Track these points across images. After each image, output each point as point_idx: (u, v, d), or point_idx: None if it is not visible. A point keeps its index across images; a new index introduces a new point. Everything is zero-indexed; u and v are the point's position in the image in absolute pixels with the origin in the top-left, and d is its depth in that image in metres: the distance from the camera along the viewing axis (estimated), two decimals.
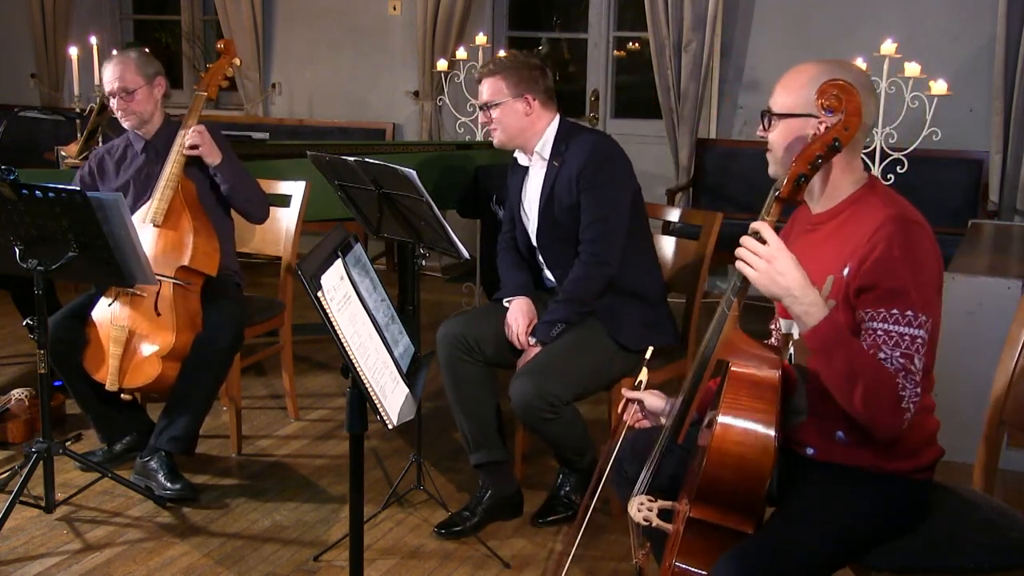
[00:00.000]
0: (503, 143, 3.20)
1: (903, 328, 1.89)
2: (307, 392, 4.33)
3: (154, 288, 3.23)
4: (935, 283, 1.96)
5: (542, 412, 2.92)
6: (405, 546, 3.06)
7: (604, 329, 3.08)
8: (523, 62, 3.16)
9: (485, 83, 3.16)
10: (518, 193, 3.29)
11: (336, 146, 5.05)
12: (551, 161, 3.16)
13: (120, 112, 3.49)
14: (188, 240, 3.31)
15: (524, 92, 3.12)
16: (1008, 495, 3.18)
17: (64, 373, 3.36)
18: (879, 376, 1.87)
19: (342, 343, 1.94)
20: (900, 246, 1.91)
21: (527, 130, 3.16)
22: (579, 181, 3.07)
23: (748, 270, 1.91)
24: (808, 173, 1.89)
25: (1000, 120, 5.18)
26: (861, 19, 5.39)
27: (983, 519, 2.11)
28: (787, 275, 1.88)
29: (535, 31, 6.90)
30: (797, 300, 1.89)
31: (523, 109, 3.13)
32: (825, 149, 1.88)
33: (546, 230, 3.17)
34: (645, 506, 2.09)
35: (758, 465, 1.91)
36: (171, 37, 7.64)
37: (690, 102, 5.72)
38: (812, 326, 1.89)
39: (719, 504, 1.95)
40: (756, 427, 1.92)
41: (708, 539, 1.98)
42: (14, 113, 5.06)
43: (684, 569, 1.99)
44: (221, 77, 3.63)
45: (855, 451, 2.02)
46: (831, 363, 1.89)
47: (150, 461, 3.30)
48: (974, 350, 3.37)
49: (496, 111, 3.13)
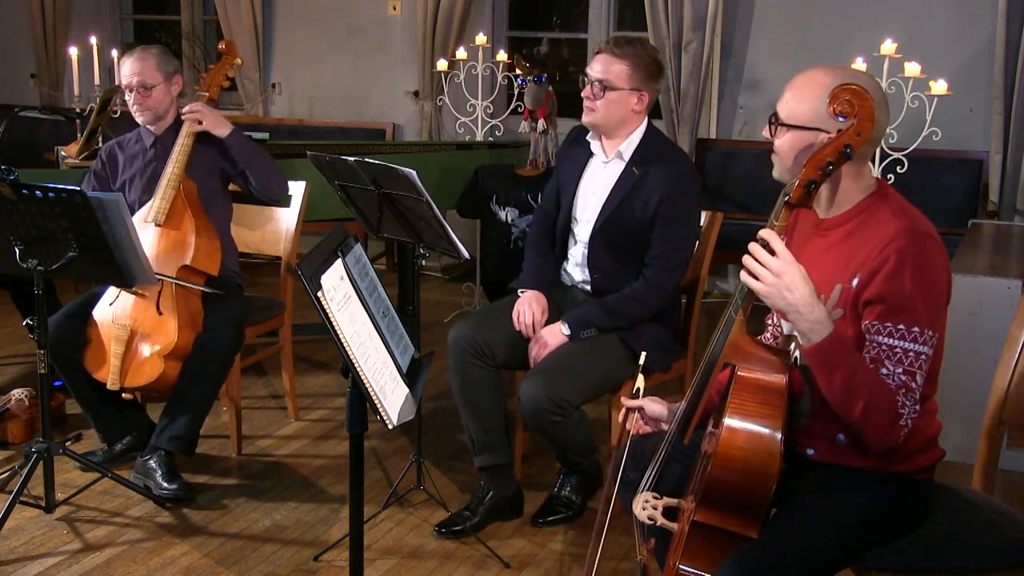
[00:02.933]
0: (596, 125, 3.10)
1: (908, 344, 1.88)
2: (307, 392, 4.33)
3: (156, 287, 3.23)
4: (944, 299, 1.95)
5: (551, 416, 2.91)
6: (405, 546, 3.06)
7: (619, 337, 3.06)
8: (653, 57, 3.08)
9: (607, 60, 3.04)
10: (576, 178, 3.20)
11: (336, 146, 5.05)
12: (631, 165, 3.08)
13: (136, 107, 3.50)
14: (190, 240, 3.31)
15: (643, 88, 3.05)
16: (1008, 495, 3.18)
17: (65, 373, 3.36)
18: (879, 393, 1.86)
19: (342, 343, 1.94)
20: (912, 261, 1.89)
21: (625, 125, 3.08)
22: (661, 205, 3.01)
23: (754, 283, 1.87)
24: (819, 179, 1.86)
25: (1000, 120, 5.19)
26: (861, 19, 5.39)
27: (983, 519, 2.11)
28: (795, 291, 1.85)
29: (535, 31, 6.90)
30: (802, 317, 1.86)
31: (634, 104, 3.05)
32: (836, 155, 1.85)
33: (603, 231, 3.10)
34: (650, 504, 2.08)
35: (764, 469, 1.90)
36: (171, 37, 7.64)
37: (690, 102, 5.72)
38: (816, 343, 1.87)
39: (724, 508, 1.94)
40: (762, 431, 1.90)
41: (712, 541, 1.97)
42: (14, 113, 5.06)
43: (687, 571, 1.98)
44: (223, 78, 3.65)
45: (856, 453, 2.02)
46: (831, 378, 1.88)
47: (149, 460, 3.30)
48: (974, 350, 3.37)
49: (609, 94, 3.03)
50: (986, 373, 2.42)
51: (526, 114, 4.97)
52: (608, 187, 3.11)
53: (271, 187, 3.57)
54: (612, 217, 3.08)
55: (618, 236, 3.08)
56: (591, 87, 3.06)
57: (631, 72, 3.03)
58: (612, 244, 3.10)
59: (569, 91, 6.40)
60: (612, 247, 3.10)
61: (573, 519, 3.20)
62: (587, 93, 3.08)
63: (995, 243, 4.34)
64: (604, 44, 3.09)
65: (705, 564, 1.97)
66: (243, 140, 3.52)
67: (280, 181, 3.61)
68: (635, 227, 3.05)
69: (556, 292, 3.23)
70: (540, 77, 4.85)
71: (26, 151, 5.85)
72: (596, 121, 3.09)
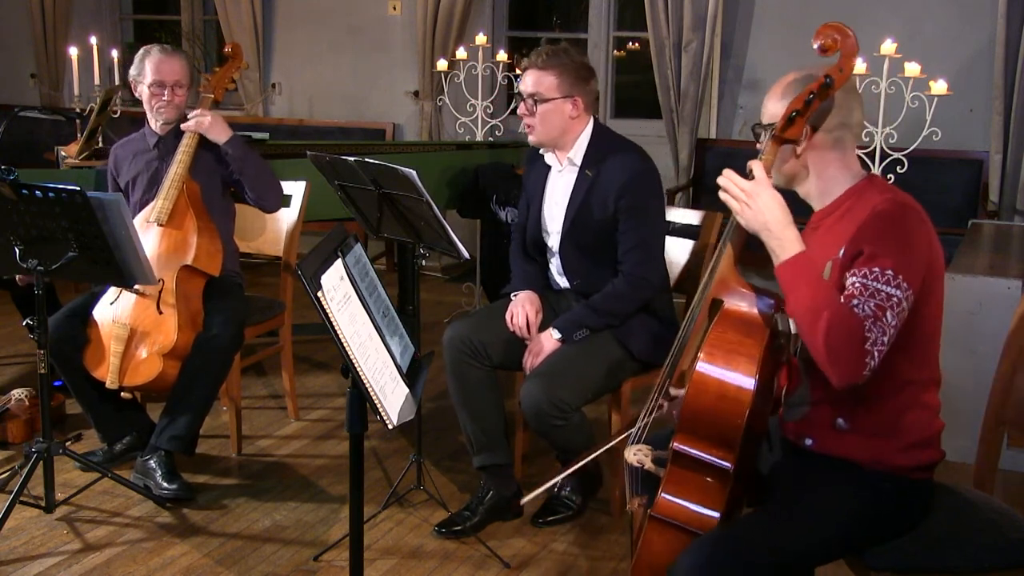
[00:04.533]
0: (539, 142, 3.13)
1: (879, 285, 1.87)
2: (307, 392, 4.33)
3: (156, 287, 3.23)
4: (922, 260, 1.93)
5: (552, 419, 2.91)
6: (405, 546, 3.06)
7: (614, 336, 3.07)
8: (579, 62, 3.08)
9: (536, 75, 3.05)
10: (540, 192, 3.23)
11: (336, 146, 5.05)
12: (584, 169, 3.10)
13: (163, 103, 3.49)
14: (192, 240, 3.32)
15: (575, 93, 3.05)
16: (1008, 495, 3.18)
17: (65, 372, 3.36)
18: (844, 313, 1.85)
19: (342, 343, 1.94)
20: (887, 217, 1.93)
21: (567, 133, 3.09)
22: (619, 200, 3.02)
23: (732, 202, 1.99)
24: (802, 109, 1.94)
25: (1000, 120, 5.19)
26: (861, 19, 5.39)
27: (983, 519, 2.11)
28: (767, 211, 1.95)
29: (535, 31, 6.91)
30: (772, 235, 1.95)
31: (569, 111, 3.06)
32: (819, 87, 1.92)
33: (570, 237, 3.12)
34: (641, 451, 2.15)
35: (736, 398, 1.96)
36: (171, 37, 7.64)
37: (690, 102, 5.73)
38: (784, 259, 1.93)
39: (700, 434, 2.01)
40: (739, 361, 1.97)
41: (694, 472, 2.03)
42: (14, 113, 5.06)
43: (671, 501, 2.04)
44: (228, 80, 3.65)
45: (854, 441, 2.02)
46: (798, 294, 1.90)
47: (149, 460, 3.30)
48: (974, 350, 3.37)
49: (542, 107, 3.05)
50: (986, 373, 2.43)
51: None
52: (567, 195, 3.13)
53: (265, 200, 3.54)
54: (576, 222, 3.10)
55: (586, 239, 3.11)
56: (524, 104, 3.09)
57: (559, 81, 3.04)
58: (582, 248, 3.12)
59: None
60: (583, 251, 3.12)
61: (573, 519, 3.20)
62: (522, 111, 3.11)
63: (995, 243, 4.35)
64: (529, 59, 3.10)
65: (688, 495, 2.03)
66: (242, 149, 3.48)
67: (275, 196, 3.58)
68: (599, 227, 3.07)
69: (551, 296, 3.24)
70: None
71: (26, 151, 5.84)
72: (539, 138, 3.12)
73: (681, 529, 2.02)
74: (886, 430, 2.02)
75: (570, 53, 3.10)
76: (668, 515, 2.04)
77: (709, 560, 1.89)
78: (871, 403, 2.00)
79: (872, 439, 2.01)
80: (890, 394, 2.00)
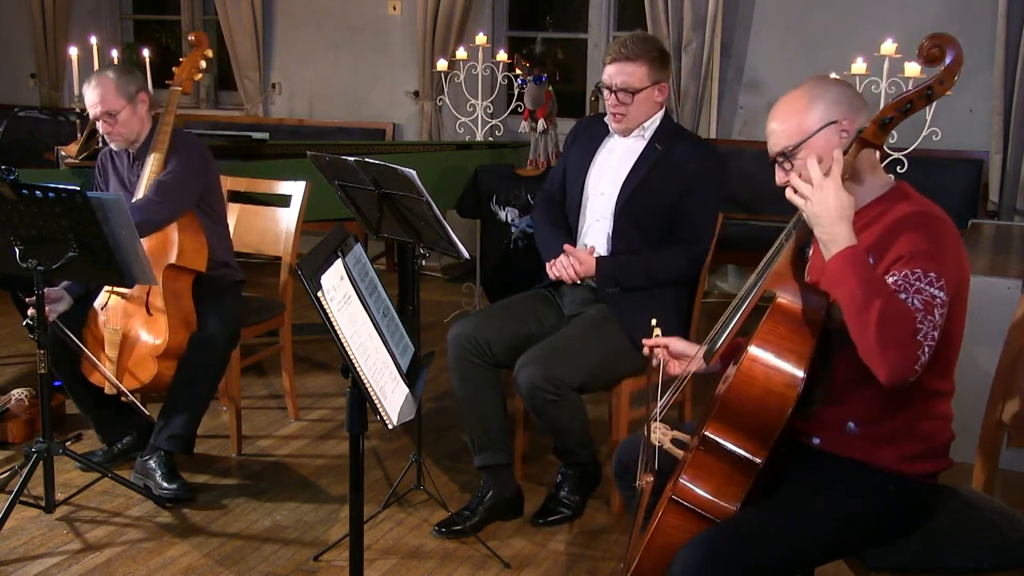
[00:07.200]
0: (627, 130, 3.16)
1: (923, 284, 1.86)
2: (307, 392, 4.33)
3: (143, 288, 3.22)
4: (956, 271, 1.92)
5: (546, 394, 2.91)
6: (405, 546, 3.06)
7: (620, 325, 3.08)
8: (661, 48, 3.13)
9: (624, 66, 3.07)
10: (591, 154, 3.23)
11: (336, 146, 5.05)
12: (654, 142, 3.12)
13: (107, 135, 3.39)
14: (173, 238, 3.29)
15: (662, 79, 3.10)
16: (1008, 495, 3.18)
17: (62, 376, 3.36)
18: (897, 303, 1.83)
19: (342, 343, 1.94)
20: (925, 228, 1.92)
21: (650, 116, 3.14)
22: (695, 180, 3.06)
23: (797, 199, 1.95)
24: (896, 117, 1.91)
25: (1000, 120, 5.18)
26: (861, 19, 5.39)
27: (983, 519, 2.11)
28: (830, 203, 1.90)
29: (535, 31, 6.90)
30: (824, 229, 1.92)
31: (656, 96, 3.11)
32: (918, 96, 1.90)
33: (625, 206, 3.12)
34: (660, 430, 2.13)
35: (783, 394, 1.93)
36: (171, 37, 7.64)
37: (690, 102, 5.73)
38: (835, 252, 1.90)
39: (738, 427, 1.97)
40: (789, 357, 1.94)
41: (719, 461, 2.00)
42: (14, 113, 5.06)
43: (689, 488, 2.01)
44: (195, 70, 3.62)
45: (864, 444, 2.02)
46: (847, 286, 1.86)
47: (149, 460, 3.30)
48: (974, 350, 3.37)
49: (635, 97, 3.07)
50: (986, 373, 2.42)
51: (526, 114, 4.98)
52: (630, 161, 3.14)
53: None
54: (635, 191, 3.11)
55: (639, 209, 3.11)
56: (615, 96, 3.09)
57: (648, 70, 3.08)
58: (631, 216, 3.12)
59: (569, 91, 6.42)
60: (631, 218, 3.12)
61: (573, 519, 3.20)
62: (613, 103, 3.11)
63: (995, 243, 4.34)
64: (613, 51, 3.11)
65: (707, 484, 2.00)
66: None
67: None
68: (657, 202, 3.09)
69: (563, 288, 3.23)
70: (540, 77, 4.85)
71: (26, 151, 5.84)
72: (627, 126, 3.15)
73: (699, 516, 2.00)
74: (898, 437, 2.01)
75: (651, 41, 3.14)
76: (689, 500, 2.01)
77: (709, 558, 1.89)
78: (887, 409, 2.00)
79: (883, 445, 2.01)
80: (907, 402, 1.99)
